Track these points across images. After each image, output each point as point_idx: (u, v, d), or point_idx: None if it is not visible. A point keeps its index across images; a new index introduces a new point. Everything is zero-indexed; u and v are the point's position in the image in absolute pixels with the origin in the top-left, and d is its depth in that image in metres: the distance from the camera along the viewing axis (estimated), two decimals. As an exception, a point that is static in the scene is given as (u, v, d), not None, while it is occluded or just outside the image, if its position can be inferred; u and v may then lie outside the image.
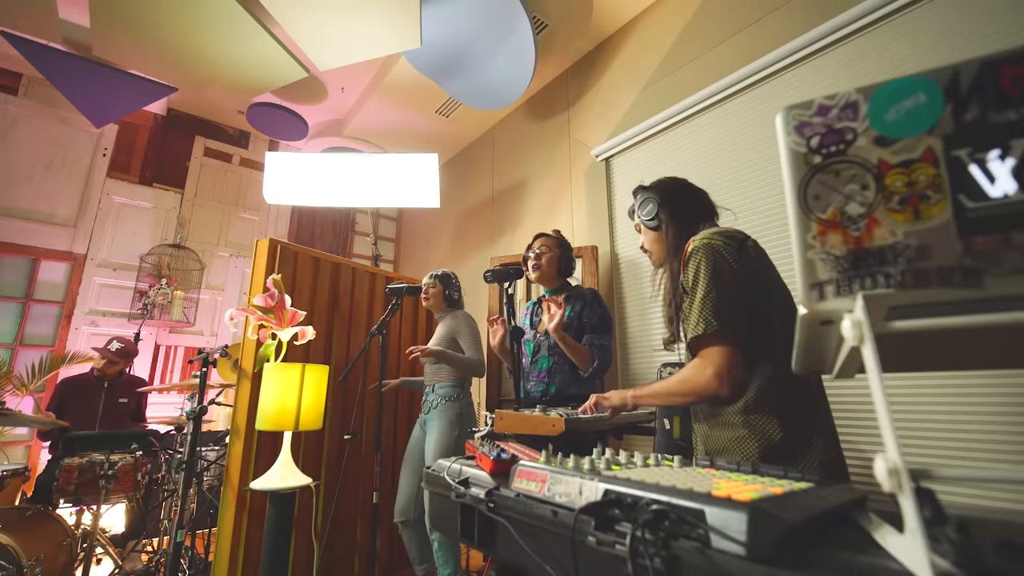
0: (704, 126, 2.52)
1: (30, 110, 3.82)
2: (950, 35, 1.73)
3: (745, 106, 2.35)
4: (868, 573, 0.38)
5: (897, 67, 1.85)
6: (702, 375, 0.97)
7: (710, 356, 0.99)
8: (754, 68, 2.27)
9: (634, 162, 2.95)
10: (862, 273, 0.47)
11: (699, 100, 2.49)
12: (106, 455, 2.25)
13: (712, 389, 0.96)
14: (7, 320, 3.56)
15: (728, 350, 0.97)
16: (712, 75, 2.48)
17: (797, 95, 2.14)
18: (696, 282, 1.04)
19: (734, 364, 0.96)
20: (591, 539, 0.57)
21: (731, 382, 0.96)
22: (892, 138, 0.46)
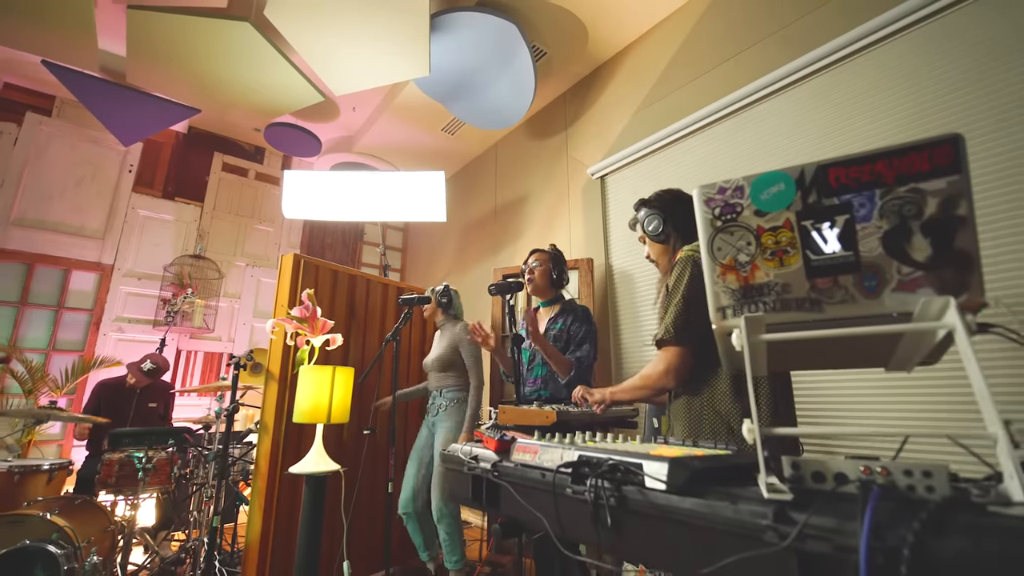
0: (691, 148, 2.75)
1: (63, 130, 4.08)
2: (905, 73, 1.96)
3: (728, 130, 2.58)
4: (735, 495, 0.61)
5: (861, 97, 2.07)
6: (655, 371, 1.21)
7: (664, 355, 1.22)
8: (736, 96, 2.50)
9: (627, 180, 3.18)
10: (748, 301, 0.70)
11: (687, 124, 2.72)
12: (144, 450, 2.48)
13: (662, 382, 1.19)
14: (41, 327, 3.81)
15: (679, 351, 1.19)
16: (698, 101, 2.72)
17: (775, 121, 2.37)
18: (674, 289, 1.25)
19: (682, 363, 1.19)
20: (568, 490, 0.79)
21: (677, 377, 1.19)
22: (765, 211, 0.68)
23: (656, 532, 0.67)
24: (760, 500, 0.58)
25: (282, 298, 2.38)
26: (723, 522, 0.59)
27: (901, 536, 0.46)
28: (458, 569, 2.28)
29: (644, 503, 0.68)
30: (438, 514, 2.28)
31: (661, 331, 1.23)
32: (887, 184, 0.62)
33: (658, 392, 1.29)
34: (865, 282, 0.64)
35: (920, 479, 0.52)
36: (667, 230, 1.40)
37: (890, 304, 0.63)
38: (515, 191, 4.25)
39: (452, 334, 2.48)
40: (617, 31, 3.25)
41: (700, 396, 1.23)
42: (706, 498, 0.62)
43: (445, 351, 2.45)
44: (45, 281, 3.88)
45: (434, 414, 2.42)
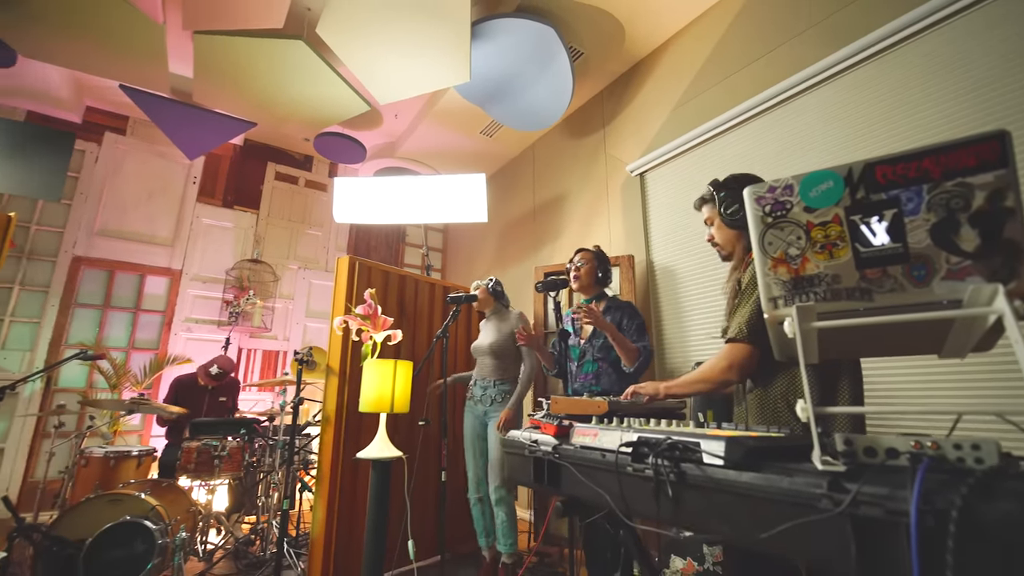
0: (731, 143, 2.74)
1: (136, 147, 4.45)
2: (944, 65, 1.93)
3: (767, 125, 2.56)
4: (790, 469, 0.66)
5: (900, 90, 2.04)
6: (718, 366, 1.23)
7: (729, 351, 1.24)
8: (776, 91, 2.48)
9: (667, 176, 3.18)
10: (799, 292, 0.75)
11: (726, 120, 2.71)
12: (219, 439, 2.70)
13: (724, 377, 1.21)
14: (122, 327, 4.17)
15: (746, 348, 1.20)
16: (737, 96, 2.70)
17: (814, 115, 2.35)
18: (749, 287, 1.25)
19: (748, 360, 1.20)
20: (629, 468, 0.86)
21: (740, 373, 1.20)
22: (814, 208, 0.73)
23: (715, 504, 0.74)
24: (814, 473, 0.63)
25: (339, 298, 2.54)
26: (779, 493, 0.65)
27: (950, 500, 0.51)
28: (510, 552, 2.38)
29: (703, 478, 0.75)
30: (496, 498, 2.38)
31: (734, 329, 1.24)
32: (934, 179, 0.66)
33: (718, 387, 1.30)
34: (914, 272, 0.68)
35: (969, 452, 0.56)
36: (746, 217, 1.36)
37: (939, 292, 0.67)
38: (553, 190, 4.32)
39: (509, 323, 2.58)
40: (654, 28, 3.26)
41: (773, 390, 1.23)
42: (762, 472, 0.68)
43: (502, 338, 2.54)
44: (124, 286, 4.24)
45: (487, 404, 2.52)
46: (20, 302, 3.81)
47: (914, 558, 0.49)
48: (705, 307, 2.80)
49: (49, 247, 4.00)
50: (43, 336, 3.83)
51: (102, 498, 2.17)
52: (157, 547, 2.07)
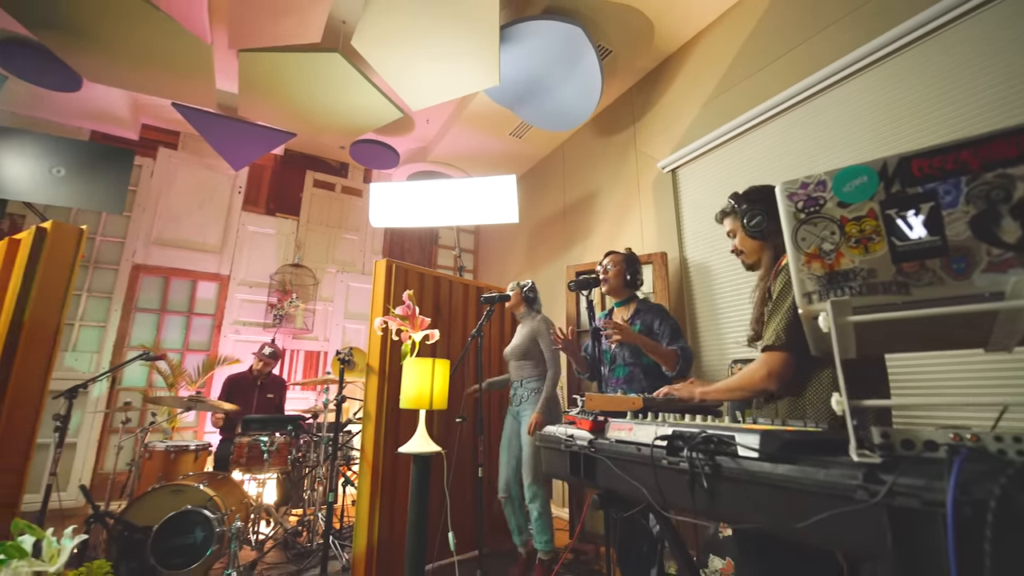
0: (765, 136, 2.69)
1: (187, 161, 4.72)
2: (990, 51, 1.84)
3: (803, 116, 2.50)
4: (826, 461, 0.67)
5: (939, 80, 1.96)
6: (756, 375, 1.22)
7: (768, 360, 1.23)
8: (809, 83, 2.42)
9: (699, 172, 3.14)
10: (834, 286, 0.75)
11: (758, 113, 2.66)
12: (268, 435, 2.85)
13: (763, 386, 1.20)
14: (176, 330, 4.44)
15: (784, 356, 1.19)
16: (769, 90, 2.65)
17: (849, 107, 2.27)
18: (781, 296, 1.24)
19: (786, 368, 1.19)
20: (664, 461, 0.88)
21: (779, 382, 1.19)
22: (848, 203, 0.74)
23: (750, 496, 0.75)
24: (850, 465, 0.64)
25: (378, 299, 2.64)
26: (815, 485, 0.66)
27: (988, 490, 0.51)
28: (547, 550, 2.41)
29: (738, 470, 0.76)
30: (530, 495, 2.42)
31: (770, 336, 1.23)
32: (973, 171, 0.66)
33: (755, 396, 1.30)
34: (953, 264, 0.67)
35: (1011, 444, 0.56)
36: (769, 227, 1.36)
37: (980, 284, 0.66)
38: (584, 189, 4.32)
39: (531, 325, 2.62)
40: (683, 23, 3.22)
41: (803, 396, 1.22)
42: (798, 464, 0.69)
43: (524, 340, 2.60)
44: (178, 291, 4.52)
45: (517, 404, 2.57)
46: (88, 307, 4.12)
47: (951, 548, 0.50)
48: (741, 304, 2.75)
49: (112, 256, 4.30)
50: (108, 339, 4.12)
51: (165, 488, 2.34)
52: (215, 535, 2.21)
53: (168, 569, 2.12)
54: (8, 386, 2.14)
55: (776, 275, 1.30)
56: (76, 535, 1.68)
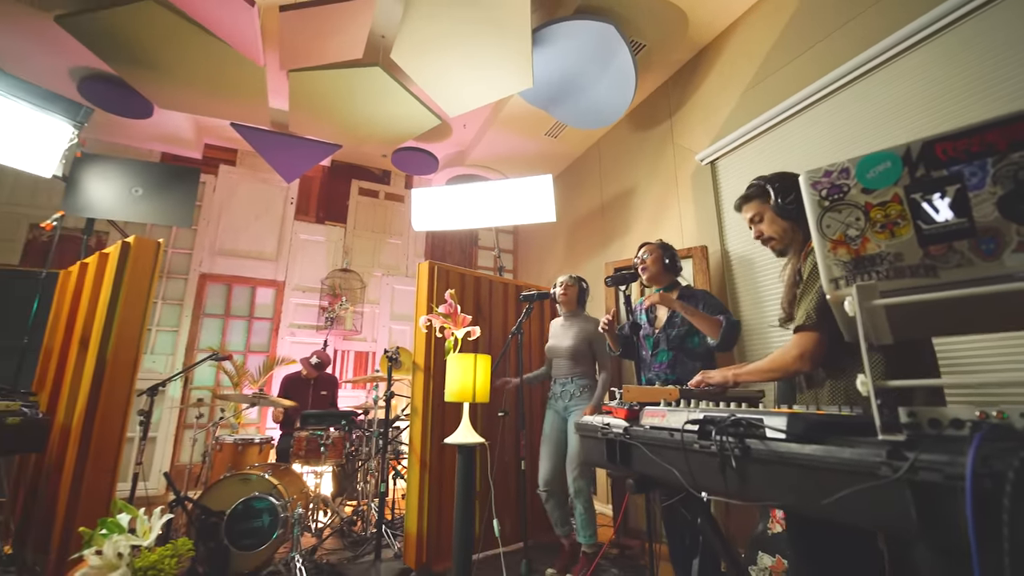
0: (805, 124, 2.61)
1: (244, 176, 5.07)
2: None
3: (844, 103, 2.41)
4: (852, 441, 0.69)
5: (997, 54, 1.85)
6: (788, 355, 1.22)
7: (799, 341, 1.23)
8: (853, 65, 2.33)
9: (739, 163, 3.08)
10: (861, 271, 0.77)
11: (800, 99, 2.59)
12: (324, 429, 3.03)
13: (795, 367, 1.21)
14: (239, 333, 4.78)
15: (816, 337, 1.20)
16: (810, 75, 2.56)
17: (900, 86, 2.18)
18: (812, 276, 1.24)
19: (818, 349, 1.19)
20: (696, 445, 0.92)
21: (812, 363, 1.19)
22: (872, 189, 0.75)
23: (778, 476, 0.78)
24: (876, 443, 0.66)
25: (422, 299, 2.76)
26: (840, 463, 0.68)
27: (1008, 463, 0.52)
28: (590, 543, 2.45)
29: (766, 452, 0.79)
30: (575, 489, 2.47)
31: (801, 317, 1.23)
32: (1000, 152, 0.66)
33: (789, 376, 1.30)
34: (982, 245, 0.68)
35: (1037, 420, 0.57)
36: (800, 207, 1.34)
37: (1011, 264, 0.66)
38: (621, 185, 4.30)
39: (585, 329, 2.67)
40: (718, 12, 3.17)
41: (843, 381, 1.22)
42: (824, 444, 0.72)
43: (578, 343, 2.64)
44: (240, 297, 4.86)
45: (567, 399, 2.61)
46: (162, 314, 4.51)
47: (970, 518, 0.52)
48: (787, 296, 2.68)
49: (182, 266, 4.69)
50: (180, 342, 4.50)
51: (235, 477, 2.55)
52: (280, 520, 2.39)
53: (240, 550, 2.32)
54: (103, 385, 2.40)
55: (806, 256, 1.29)
56: (163, 516, 1.88)
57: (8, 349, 2.91)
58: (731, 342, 1.98)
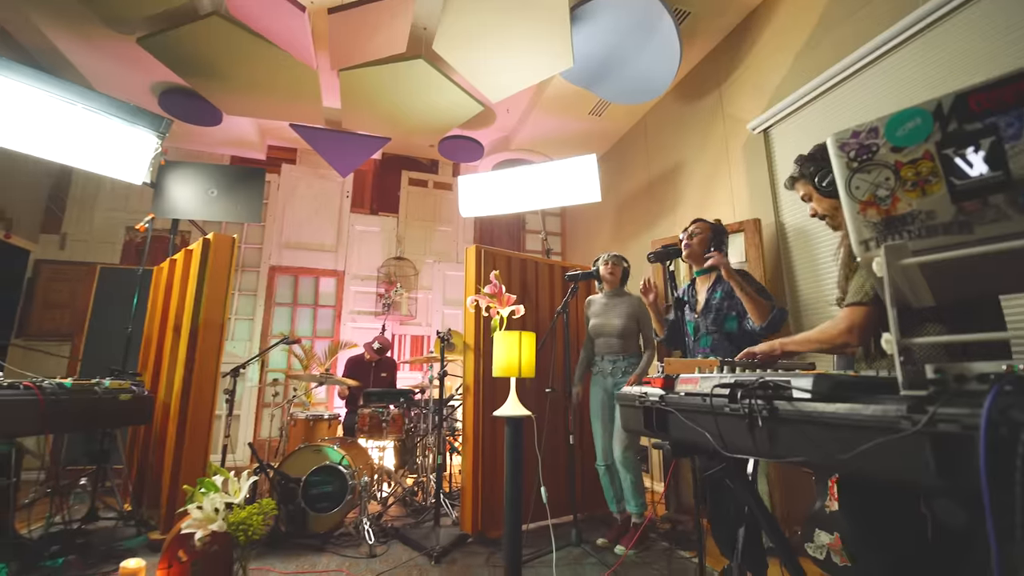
0: (866, 83, 2.44)
1: (304, 173, 5.40)
2: None
3: (908, 58, 2.23)
4: (876, 399, 0.70)
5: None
6: (837, 328, 1.20)
7: (850, 314, 1.21)
8: (914, 18, 2.15)
9: (794, 129, 2.93)
10: (892, 231, 0.76)
11: (858, 58, 2.42)
12: (385, 407, 3.25)
13: (843, 339, 1.18)
14: (306, 320, 5.16)
15: (867, 311, 1.17)
16: (869, 31, 2.38)
17: (958, 40, 1.99)
18: None
19: (868, 322, 1.16)
20: (726, 408, 0.94)
21: (860, 337, 1.17)
22: (902, 147, 0.74)
23: (804, 435, 0.79)
24: (899, 399, 0.67)
25: (470, 282, 2.87)
26: (863, 420, 0.70)
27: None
28: (639, 513, 2.49)
29: (793, 412, 0.81)
30: (622, 461, 2.52)
31: (853, 292, 1.21)
32: (1038, 100, 0.63)
33: (836, 349, 1.28)
34: (1020, 199, 0.66)
35: (1066, 372, 0.56)
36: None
37: (1051, 217, 0.64)
38: (668, 160, 4.20)
39: (632, 307, 2.70)
40: (770, -32, 2.99)
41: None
42: (848, 403, 0.73)
43: (627, 322, 2.66)
44: (305, 287, 5.23)
45: (618, 376, 2.64)
46: (240, 304, 4.95)
47: (982, 465, 0.53)
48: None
49: (253, 260, 5.10)
50: (255, 329, 4.92)
51: (308, 448, 2.81)
52: (349, 487, 2.62)
53: (315, 512, 2.57)
54: (194, 367, 2.71)
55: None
56: (249, 478, 2.12)
57: (116, 336, 3.33)
58: (775, 327, 1.94)
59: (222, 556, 2.04)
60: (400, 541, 2.60)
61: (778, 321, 1.93)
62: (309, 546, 2.48)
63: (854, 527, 1.26)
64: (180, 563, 1.97)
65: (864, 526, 1.20)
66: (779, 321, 1.94)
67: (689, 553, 2.44)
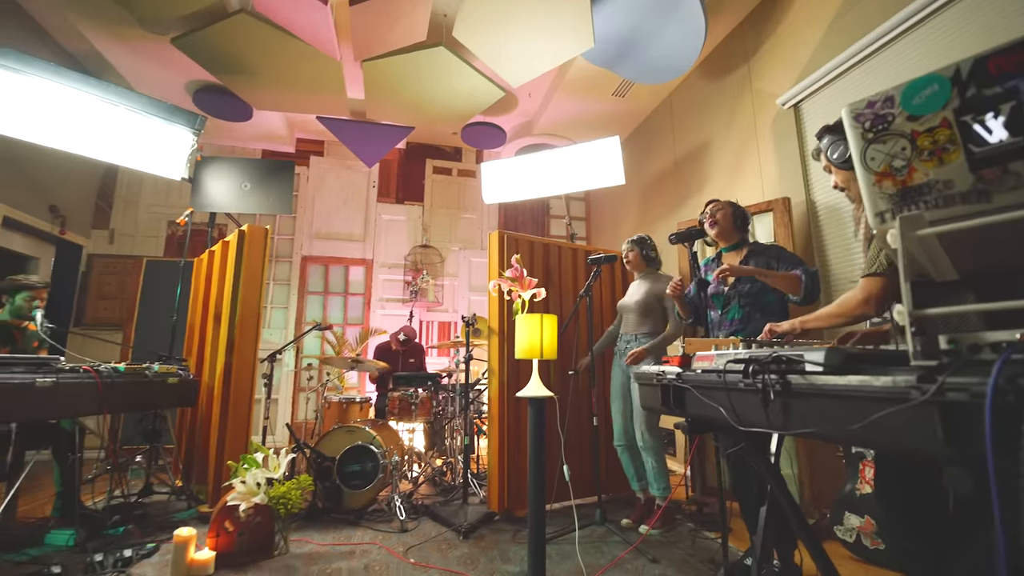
0: (901, 52, 2.32)
1: (332, 164, 5.53)
2: None
3: (946, 24, 2.10)
4: (887, 370, 0.70)
5: None
6: (854, 299, 1.20)
7: (866, 284, 1.20)
8: (969, -29, 2.02)
9: (827, 103, 2.81)
10: (908, 203, 0.75)
11: (894, 25, 2.30)
12: (413, 390, 3.35)
13: (861, 311, 1.17)
14: (337, 308, 5.33)
15: (883, 281, 1.16)
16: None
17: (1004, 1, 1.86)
18: None
19: (884, 293, 1.15)
20: (740, 384, 0.95)
21: (877, 306, 1.16)
22: (918, 115, 0.72)
23: (816, 408, 0.80)
24: (910, 370, 0.67)
25: (493, 266, 2.91)
26: (873, 391, 0.70)
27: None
28: (663, 496, 2.51)
29: (806, 385, 0.81)
30: (643, 443, 2.54)
31: (869, 262, 1.20)
32: (1061, 61, 0.61)
33: (855, 320, 1.27)
34: (1042, 164, 0.64)
35: (1081, 339, 0.55)
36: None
37: (1074, 182, 0.62)
38: (695, 139, 4.10)
39: (655, 286, 2.70)
40: (801, -67, 2.85)
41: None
42: (860, 375, 0.73)
43: (647, 298, 2.67)
44: (336, 276, 5.39)
45: None
46: (274, 293, 5.15)
47: (988, 430, 0.54)
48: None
49: (286, 251, 5.28)
50: (290, 317, 5.12)
51: (342, 429, 2.93)
52: (380, 465, 2.73)
53: (349, 489, 2.69)
54: (234, 353, 2.86)
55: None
56: (287, 455, 2.24)
57: (162, 324, 3.54)
58: (815, 293, 1.89)
59: (264, 527, 2.18)
60: (430, 518, 2.70)
61: (813, 285, 1.88)
62: (344, 521, 2.61)
63: (889, 511, 1.25)
64: (227, 532, 2.12)
65: (900, 510, 1.19)
66: (815, 284, 1.88)
67: (714, 534, 2.45)
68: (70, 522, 2.37)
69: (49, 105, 2.89)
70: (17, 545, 2.23)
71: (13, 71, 2.74)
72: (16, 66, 2.74)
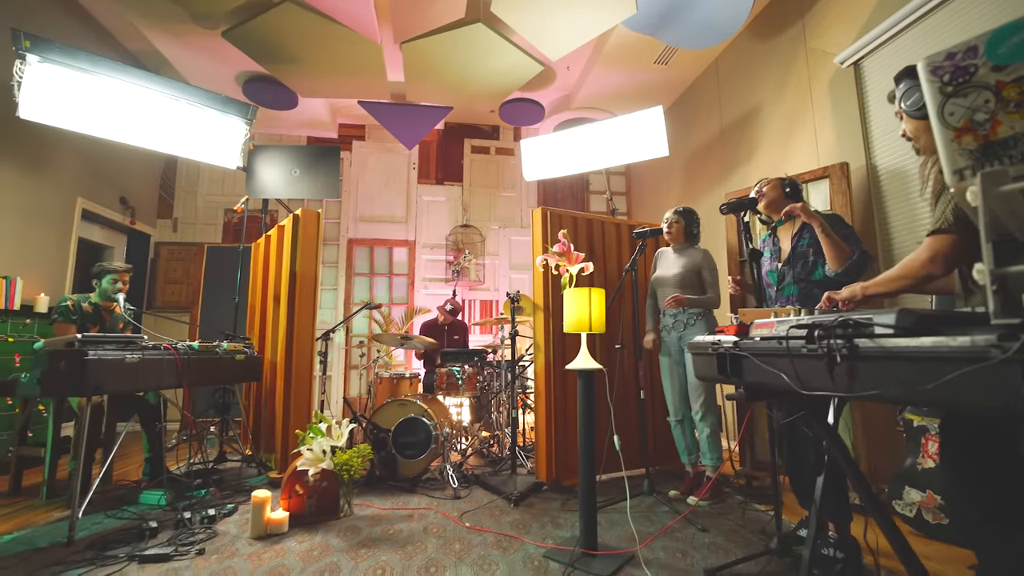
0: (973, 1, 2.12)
1: (373, 147, 5.65)
2: None
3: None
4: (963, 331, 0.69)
5: None
6: (919, 259, 1.14)
7: (931, 243, 1.14)
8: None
9: (891, 59, 2.63)
10: (990, 158, 0.72)
11: (975, -34, 2.10)
12: (460, 365, 3.46)
13: (927, 270, 1.12)
14: (383, 288, 5.51)
15: (950, 239, 1.10)
16: (997, -73, 2.06)
17: None
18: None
19: (952, 250, 1.09)
20: (803, 350, 0.95)
21: (945, 265, 1.09)
22: (1004, 65, 0.69)
23: (885, 370, 0.79)
24: (990, 329, 0.66)
25: (537, 243, 2.93)
26: (950, 351, 0.69)
27: None
28: (716, 465, 2.52)
29: (875, 348, 0.81)
30: (700, 416, 2.55)
31: (936, 219, 1.14)
32: None
33: (922, 282, 1.21)
34: None
35: None
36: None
37: None
38: (743, 106, 3.92)
39: (694, 258, 2.68)
40: None
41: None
42: (934, 336, 0.72)
43: (686, 272, 2.65)
44: (380, 257, 5.55)
45: (680, 329, 2.64)
46: (324, 275, 5.37)
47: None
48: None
49: (333, 234, 5.48)
50: (339, 298, 5.34)
51: (395, 403, 3.07)
52: (432, 436, 2.86)
53: (404, 458, 2.84)
54: (294, 331, 3.04)
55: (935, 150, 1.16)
56: (349, 424, 2.38)
57: (225, 305, 3.79)
58: (855, 274, 1.82)
59: (331, 491, 2.35)
60: (480, 486, 2.82)
61: (858, 268, 1.81)
62: (401, 488, 2.77)
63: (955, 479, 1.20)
64: (298, 495, 2.30)
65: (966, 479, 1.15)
66: (859, 268, 1.81)
67: (764, 507, 2.44)
68: (159, 484, 2.63)
69: (117, 102, 3.10)
70: (117, 503, 2.51)
71: (84, 71, 2.94)
72: (87, 67, 2.94)
